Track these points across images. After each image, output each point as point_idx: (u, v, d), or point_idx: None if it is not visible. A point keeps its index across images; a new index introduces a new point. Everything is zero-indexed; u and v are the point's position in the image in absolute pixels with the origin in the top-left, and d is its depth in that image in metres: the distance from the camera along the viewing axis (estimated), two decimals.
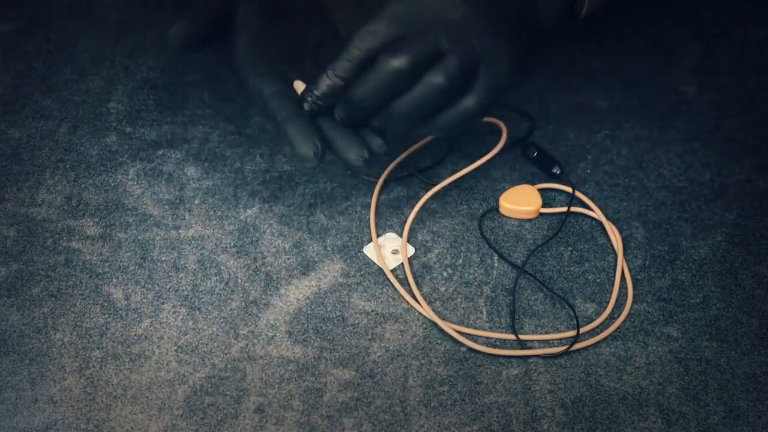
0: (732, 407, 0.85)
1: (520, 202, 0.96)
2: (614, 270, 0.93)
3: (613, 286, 0.92)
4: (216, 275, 0.92)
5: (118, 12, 1.12)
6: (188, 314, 0.90)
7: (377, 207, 0.97)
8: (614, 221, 0.96)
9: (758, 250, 0.95)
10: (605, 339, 0.89)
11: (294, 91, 0.91)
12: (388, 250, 0.94)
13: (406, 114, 0.88)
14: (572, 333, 0.89)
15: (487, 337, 0.89)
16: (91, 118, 1.03)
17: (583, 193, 0.98)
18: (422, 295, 0.91)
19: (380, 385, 0.86)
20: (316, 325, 0.89)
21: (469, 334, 0.89)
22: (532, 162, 1.00)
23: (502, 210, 0.97)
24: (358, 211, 0.97)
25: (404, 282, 0.92)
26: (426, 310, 0.89)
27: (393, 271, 0.93)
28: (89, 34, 1.10)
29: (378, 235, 0.95)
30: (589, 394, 0.86)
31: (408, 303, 0.91)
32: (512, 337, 0.89)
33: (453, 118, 0.89)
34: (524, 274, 0.92)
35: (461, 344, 0.88)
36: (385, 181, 0.99)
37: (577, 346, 0.88)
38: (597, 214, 0.96)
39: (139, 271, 0.92)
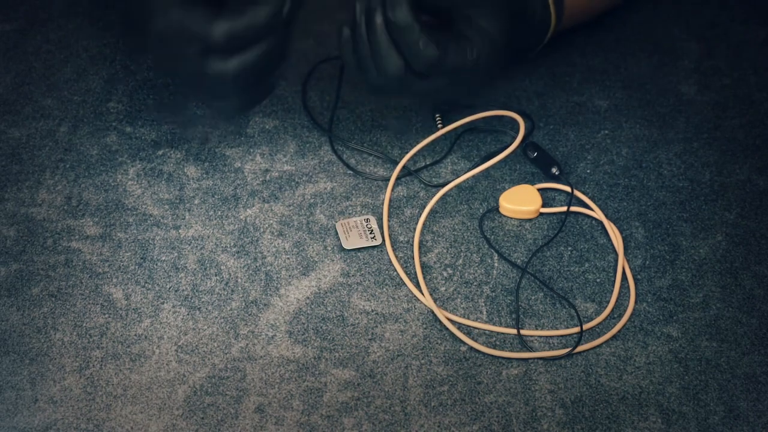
0: (732, 407, 0.85)
1: (520, 202, 0.96)
2: (614, 270, 0.93)
3: (613, 286, 0.92)
4: (216, 275, 0.92)
5: (118, 12, 1.12)
6: (188, 314, 0.90)
7: (375, 207, 0.97)
8: (614, 221, 0.96)
9: (758, 250, 0.95)
10: (607, 339, 0.89)
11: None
12: (364, 229, 0.94)
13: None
14: (573, 330, 0.89)
15: (489, 334, 0.89)
16: (91, 117, 1.03)
17: (583, 192, 0.98)
18: (422, 290, 0.91)
19: (380, 385, 0.86)
20: (316, 325, 0.89)
21: (469, 326, 0.89)
22: (532, 162, 1.00)
23: (502, 210, 0.97)
24: (358, 211, 0.97)
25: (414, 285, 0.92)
26: (428, 300, 0.90)
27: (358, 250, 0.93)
28: (89, 34, 1.10)
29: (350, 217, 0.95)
30: (589, 394, 0.86)
31: (410, 292, 0.91)
32: (513, 331, 0.89)
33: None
34: (526, 275, 0.92)
35: (462, 343, 0.88)
36: (385, 182, 0.99)
37: (580, 348, 0.88)
38: (597, 213, 0.96)
39: (139, 271, 0.92)
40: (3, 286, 0.91)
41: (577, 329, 0.89)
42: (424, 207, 0.96)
